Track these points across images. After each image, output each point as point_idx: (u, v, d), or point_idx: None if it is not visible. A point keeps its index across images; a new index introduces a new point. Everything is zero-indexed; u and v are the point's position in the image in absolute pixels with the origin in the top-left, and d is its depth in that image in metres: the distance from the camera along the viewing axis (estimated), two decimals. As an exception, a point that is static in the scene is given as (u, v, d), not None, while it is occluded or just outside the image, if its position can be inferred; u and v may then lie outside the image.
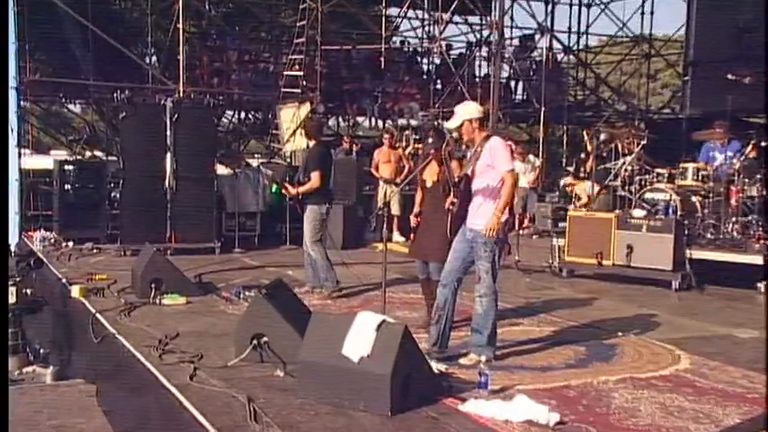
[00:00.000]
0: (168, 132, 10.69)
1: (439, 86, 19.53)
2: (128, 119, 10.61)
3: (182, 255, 10.40)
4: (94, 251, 10.83)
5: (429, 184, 6.37)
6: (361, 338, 4.38)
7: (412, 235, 6.41)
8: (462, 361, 5.41)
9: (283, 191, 7.98)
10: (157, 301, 7.34)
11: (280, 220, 12.19)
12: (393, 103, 19.20)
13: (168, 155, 10.74)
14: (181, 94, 13.10)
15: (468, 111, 5.45)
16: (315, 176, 7.71)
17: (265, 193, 12.20)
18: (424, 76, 20.20)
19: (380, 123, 19.12)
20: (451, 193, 5.39)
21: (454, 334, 5.61)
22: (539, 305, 7.66)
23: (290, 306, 5.53)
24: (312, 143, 8.03)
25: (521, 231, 13.61)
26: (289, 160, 14.44)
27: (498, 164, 5.28)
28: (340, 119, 19.99)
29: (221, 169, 11.88)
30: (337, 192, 12.40)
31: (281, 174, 11.14)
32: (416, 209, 6.39)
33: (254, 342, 5.20)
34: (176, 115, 10.67)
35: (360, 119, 19.45)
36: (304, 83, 15.53)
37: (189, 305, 7.34)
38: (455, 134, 5.50)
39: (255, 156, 17.20)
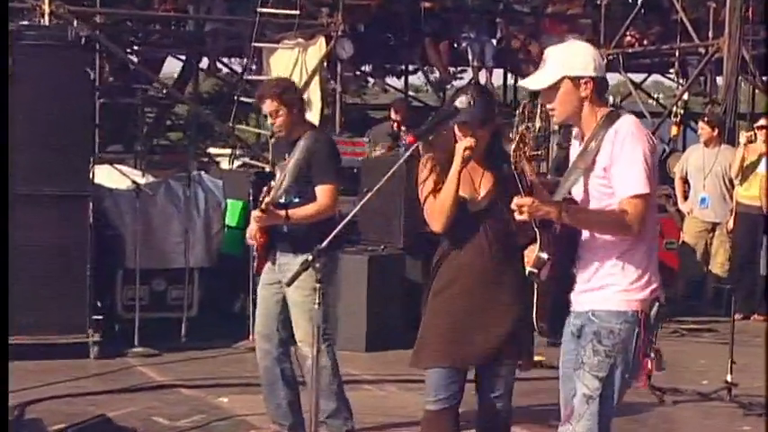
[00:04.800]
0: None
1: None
2: None
3: (17, 360, 9.86)
4: None
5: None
6: None
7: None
8: None
9: (256, 219, 7.61)
10: None
11: (239, 288, 11.80)
12: (523, 39, 18.72)
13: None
14: (46, 19, 13.11)
15: (573, 59, 5.05)
16: (323, 193, 7.73)
17: (211, 230, 11.74)
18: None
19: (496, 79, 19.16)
20: (539, 240, 5.01)
21: None
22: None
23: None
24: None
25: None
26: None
27: (617, 179, 4.87)
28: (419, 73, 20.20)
29: (109, 179, 11.52)
30: (366, 227, 12.09)
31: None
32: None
33: None
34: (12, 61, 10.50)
35: (457, 73, 19.25)
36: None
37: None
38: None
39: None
